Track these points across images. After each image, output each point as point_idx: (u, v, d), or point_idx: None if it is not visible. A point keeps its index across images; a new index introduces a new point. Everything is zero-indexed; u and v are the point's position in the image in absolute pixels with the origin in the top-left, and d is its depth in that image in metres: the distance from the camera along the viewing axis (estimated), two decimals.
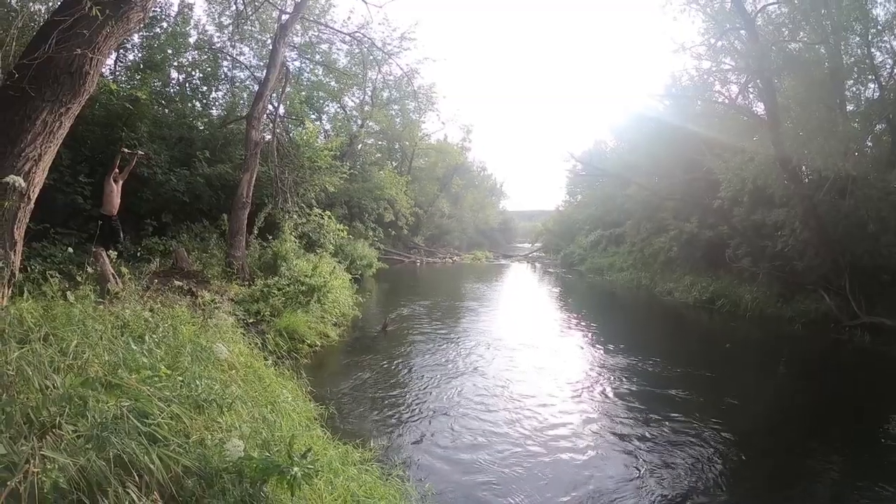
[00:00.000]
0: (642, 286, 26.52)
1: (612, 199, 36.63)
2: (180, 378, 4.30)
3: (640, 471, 6.51)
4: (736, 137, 20.59)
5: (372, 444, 5.96)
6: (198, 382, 4.35)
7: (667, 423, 8.16)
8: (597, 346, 13.55)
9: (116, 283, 7.42)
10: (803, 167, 18.38)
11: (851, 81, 17.73)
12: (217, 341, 5.97)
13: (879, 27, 16.44)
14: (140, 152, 11.49)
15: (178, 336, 5.72)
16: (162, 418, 3.54)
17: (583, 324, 17.01)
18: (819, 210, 17.04)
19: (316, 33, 25.39)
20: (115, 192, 10.64)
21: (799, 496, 6.11)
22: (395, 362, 10.77)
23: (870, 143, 18.08)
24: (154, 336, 5.36)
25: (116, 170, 10.78)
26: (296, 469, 3.30)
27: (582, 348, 13.47)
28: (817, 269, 17.28)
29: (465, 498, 5.63)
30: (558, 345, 13.44)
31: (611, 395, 9.49)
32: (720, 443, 7.46)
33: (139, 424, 3.30)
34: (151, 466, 3.01)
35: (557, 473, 6.36)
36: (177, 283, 9.16)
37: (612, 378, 10.50)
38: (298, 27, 21.60)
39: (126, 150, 11.13)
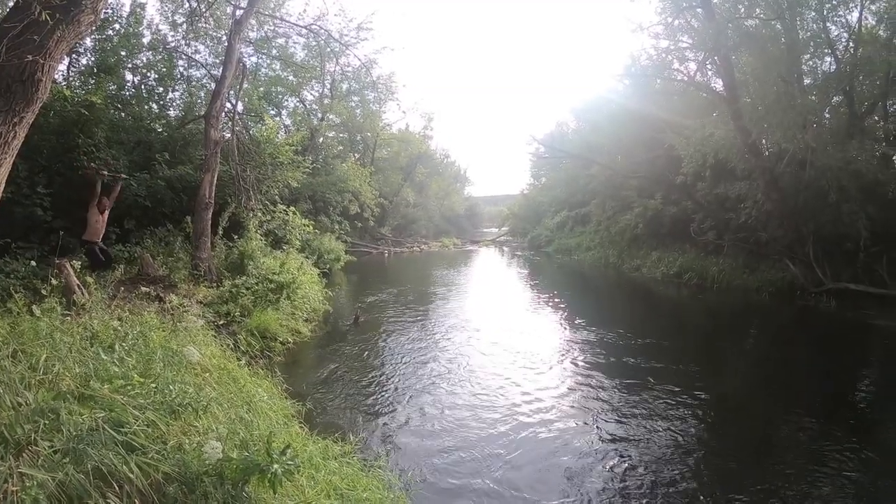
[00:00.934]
0: (610, 264, 26.95)
1: (576, 180, 37.10)
2: (153, 385, 4.30)
3: (610, 439, 6.65)
4: (696, 114, 20.91)
5: (351, 437, 5.97)
6: (171, 388, 4.35)
7: (637, 392, 8.37)
8: (566, 323, 13.81)
9: (82, 293, 7.32)
10: (763, 140, 18.80)
11: (808, 56, 18.16)
12: (188, 345, 5.94)
13: (834, 2, 16.79)
14: (123, 175, 11.18)
15: (149, 343, 5.68)
16: (138, 426, 3.54)
17: (552, 303, 17.24)
18: (780, 182, 17.49)
19: (272, 27, 25.11)
20: (101, 221, 10.19)
21: (771, 458, 6.27)
22: (369, 353, 10.80)
23: (828, 115, 18.55)
24: (124, 344, 5.32)
25: (103, 197, 10.36)
26: (276, 466, 3.31)
27: (551, 326, 13.73)
28: (781, 240, 17.76)
29: (446, 481, 5.70)
30: (528, 324, 13.64)
31: (582, 369, 9.67)
32: (690, 410, 7.66)
33: (115, 434, 3.31)
34: (130, 475, 3.01)
35: (531, 447, 6.50)
36: (143, 289, 9.08)
37: (583, 353, 10.73)
38: (254, 22, 21.32)
39: (106, 172, 10.70)
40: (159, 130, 16.87)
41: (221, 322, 9.83)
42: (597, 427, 7.10)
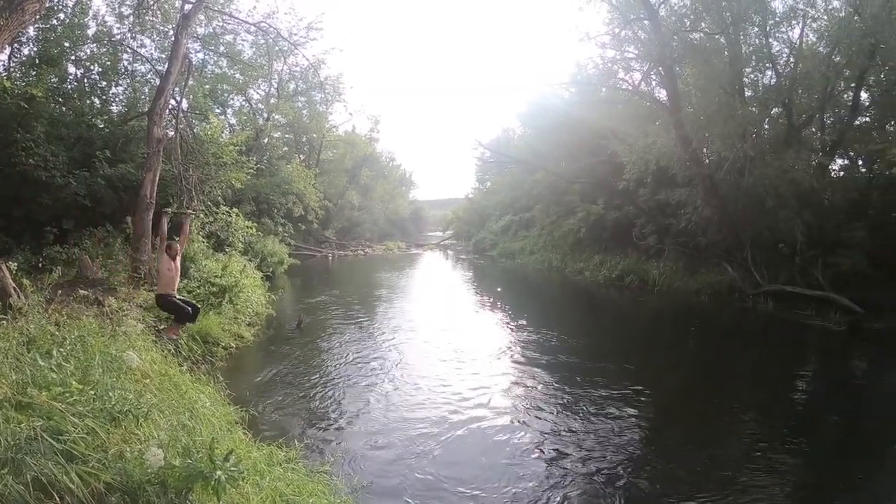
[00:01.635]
0: (553, 267, 27.40)
1: (521, 185, 37.73)
2: (92, 391, 4.23)
3: (547, 435, 6.85)
4: (639, 122, 21.49)
5: (296, 442, 5.97)
6: (111, 394, 4.28)
7: (575, 390, 8.62)
8: (507, 324, 14.16)
9: (18, 297, 7.10)
10: (704, 149, 19.51)
11: (750, 69, 18.84)
12: (128, 350, 5.83)
13: (777, 18, 17.52)
14: (190, 211, 10.70)
15: (87, 348, 5.54)
16: (77, 434, 3.49)
17: (494, 305, 17.58)
18: (720, 189, 18.16)
19: (220, 23, 24.42)
20: (175, 268, 9.45)
21: (708, 453, 6.47)
22: (312, 357, 10.77)
23: (767, 126, 19.27)
24: (62, 350, 5.18)
25: (172, 241, 9.70)
26: (219, 473, 3.31)
27: (492, 327, 14.05)
28: (721, 244, 18.46)
29: (392, 482, 5.75)
30: (469, 325, 13.96)
31: (520, 368, 9.95)
32: (628, 408, 7.90)
33: (54, 443, 3.26)
34: (71, 486, 2.98)
35: (475, 448, 6.62)
36: (82, 292, 8.84)
37: (522, 353, 11.03)
38: (202, 17, 20.71)
39: (169, 210, 9.94)
40: (101, 126, 16.33)
41: (162, 326, 9.64)
42: (536, 424, 7.32)
